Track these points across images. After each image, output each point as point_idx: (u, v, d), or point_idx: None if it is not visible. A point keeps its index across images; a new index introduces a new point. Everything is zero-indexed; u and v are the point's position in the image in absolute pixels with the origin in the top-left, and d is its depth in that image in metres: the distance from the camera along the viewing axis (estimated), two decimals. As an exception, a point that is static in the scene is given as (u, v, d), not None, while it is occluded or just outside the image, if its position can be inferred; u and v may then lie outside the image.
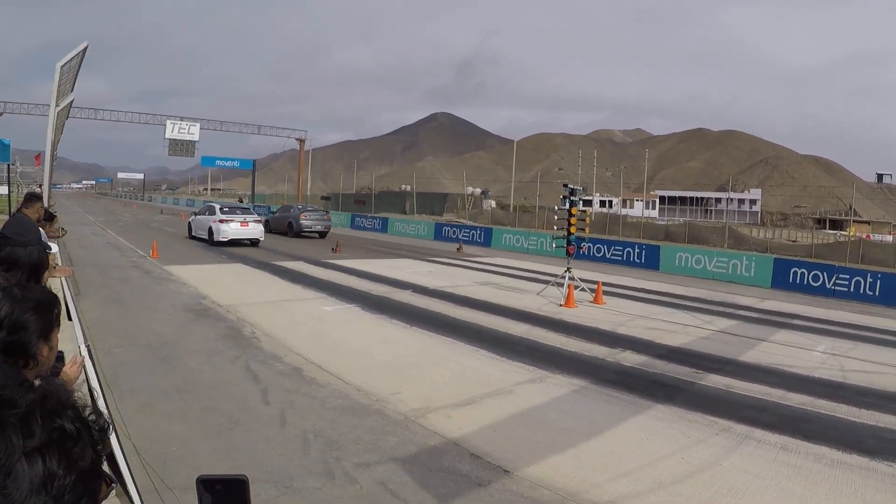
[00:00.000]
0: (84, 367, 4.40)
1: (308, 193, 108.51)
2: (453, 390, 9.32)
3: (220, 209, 32.59)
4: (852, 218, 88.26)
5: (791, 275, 25.91)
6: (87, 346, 5.27)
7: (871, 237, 71.32)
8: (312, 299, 16.86)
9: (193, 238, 34.24)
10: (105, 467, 1.20)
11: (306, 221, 40.29)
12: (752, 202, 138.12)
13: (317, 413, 8.00)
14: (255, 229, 32.06)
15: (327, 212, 46.35)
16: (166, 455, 6.25)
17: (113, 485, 1.26)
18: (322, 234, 40.65)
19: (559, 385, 9.93)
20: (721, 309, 18.96)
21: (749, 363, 12.05)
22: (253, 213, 34.38)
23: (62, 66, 15.04)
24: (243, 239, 31.80)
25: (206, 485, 1.56)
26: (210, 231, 31.88)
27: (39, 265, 3.67)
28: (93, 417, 1.17)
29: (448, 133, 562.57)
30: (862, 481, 6.76)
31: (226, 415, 7.71)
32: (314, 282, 19.89)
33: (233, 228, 31.24)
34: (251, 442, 6.95)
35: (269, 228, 39.87)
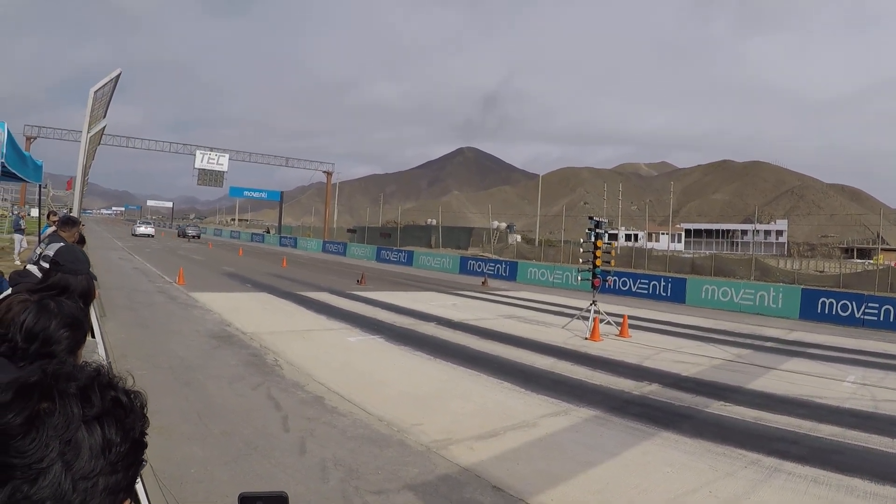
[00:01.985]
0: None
1: (334, 226, 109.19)
2: (476, 422, 9.20)
3: (138, 222, 75.35)
4: (880, 246, 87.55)
5: (819, 305, 25.66)
6: (109, 364, 5.22)
7: (900, 265, 70.50)
8: (336, 329, 16.82)
9: (134, 235, 71.33)
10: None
11: (140, 228, 76.88)
12: (779, 233, 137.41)
13: (337, 442, 7.91)
14: (150, 230, 75.61)
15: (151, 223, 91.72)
16: (184, 477, 6.20)
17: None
18: (151, 236, 74.51)
19: (584, 418, 9.78)
20: (749, 341, 18.75)
21: (778, 395, 11.85)
22: (151, 224, 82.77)
23: (95, 92, 15.24)
24: (145, 234, 72.86)
25: (248, 502, 1.58)
26: (133, 230, 74.48)
27: (89, 293, 3.76)
28: (139, 395, 1.22)
29: (473, 167, 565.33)
30: (896, 514, 6.55)
31: (245, 440, 7.64)
32: (338, 312, 19.89)
33: (140, 229, 73.17)
34: (270, 468, 6.87)
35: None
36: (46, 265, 3.78)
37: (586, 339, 17.30)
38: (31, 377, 1.11)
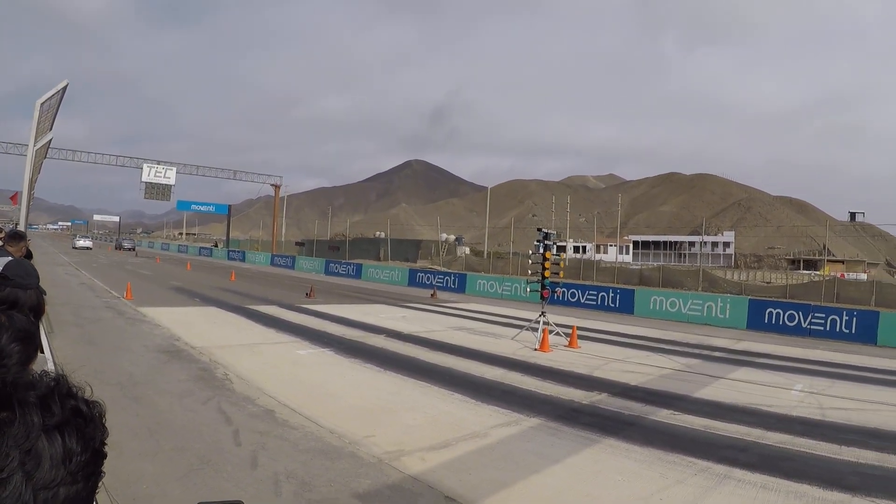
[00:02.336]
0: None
1: (283, 239, 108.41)
2: (427, 433, 9.23)
3: (78, 236, 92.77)
4: (826, 257, 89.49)
5: (766, 315, 26.14)
6: (65, 374, 5.18)
7: (846, 276, 72.22)
8: (286, 343, 16.73)
9: (74, 248, 79.51)
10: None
11: (80, 241, 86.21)
12: (726, 244, 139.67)
13: (289, 455, 7.88)
14: (88, 243, 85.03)
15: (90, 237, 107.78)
16: (136, 494, 6.13)
17: None
18: (89, 248, 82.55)
19: (534, 428, 9.87)
20: (697, 351, 19.06)
21: (727, 403, 12.05)
22: (89, 238, 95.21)
23: (42, 104, 15.00)
24: (84, 247, 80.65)
25: None
26: (73, 243, 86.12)
27: (39, 307, 3.70)
28: (99, 406, 1.23)
29: (422, 180, 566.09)
30: (842, 520, 6.69)
31: (197, 455, 7.58)
32: (288, 326, 19.79)
33: (79, 242, 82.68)
34: (222, 482, 6.82)
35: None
36: None
37: (536, 349, 17.43)
38: None
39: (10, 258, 4.45)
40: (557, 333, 19.14)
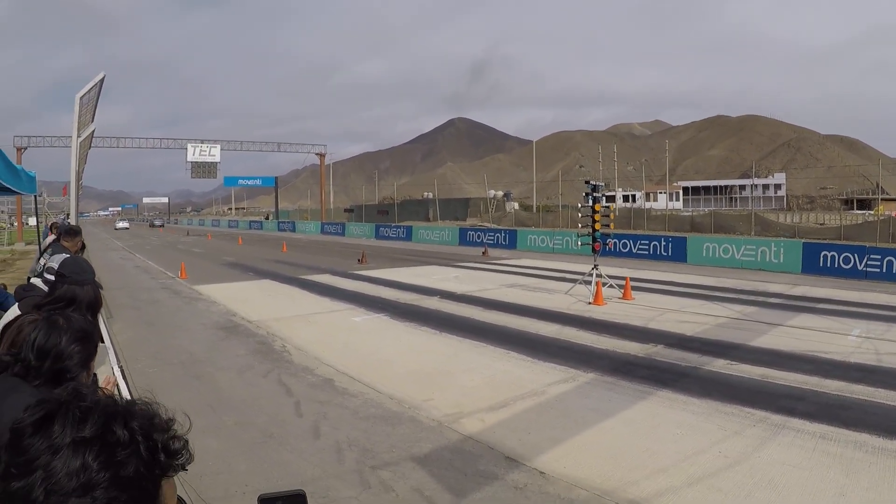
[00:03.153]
0: (118, 387, 4.47)
1: (331, 207, 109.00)
2: (485, 394, 9.29)
3: (117, 220, 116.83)
4: (880, 196, 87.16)
5: (821, 258, 25.58)
6: (121, 367, 5.33)
7: (901, 215, 70.24)
8: (341, 310, 16.90)
9: (116, 230, 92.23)
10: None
11: (119, 224, 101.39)
12: (777, 187, 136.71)
13: (350, 423, 8.01)
14: (126, 224, 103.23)
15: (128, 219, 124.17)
16: (202, 471, 6.27)
17: None
18: (127, 228, 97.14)
19: (591, 383, 9.88)
20: (752, 298, 18.78)
21: (783, 351, 11.88)
22: (125, 220, 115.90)
23: (81, 98, 15.14)
24: (123, 227, 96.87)
25: (268, 502, 1.60)
26: (115, 225, 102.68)
27: (96, 302, 3.82)
28: (172, 443, 1.22)
29: (466, 138, 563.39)
30: (905, 467, 6.57)
31: (259, 428, 7.74)
32: (342, 293, 19.97)
33: (120, 224, 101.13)
34: (285, 454, 6.97)
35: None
36: (51, 277, 3.82)
37: (590, 303, 17.38)
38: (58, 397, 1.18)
39: (65, 255, 4.54)
40: (611, 286, 19.02)
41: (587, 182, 19.05)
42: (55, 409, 1.14)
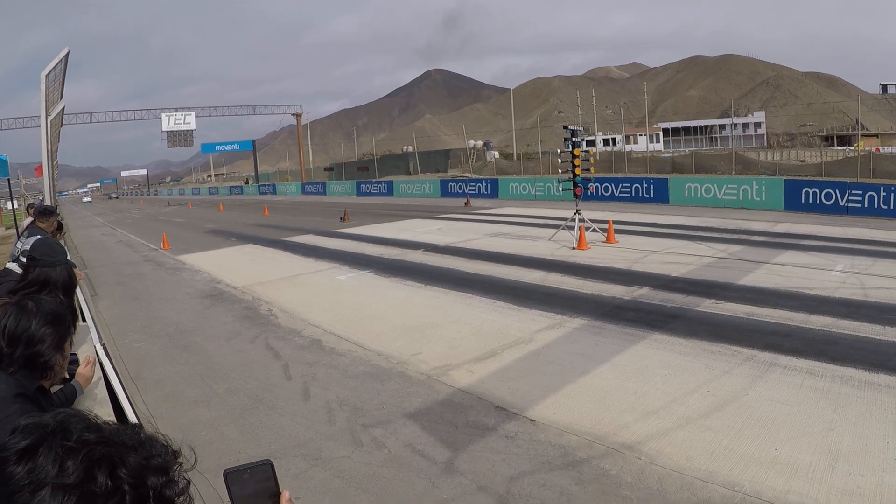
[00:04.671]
0: (102, 365, 4.42)
1: (311, 167, 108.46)
2: (473, 345, 9.32)
3: (83, 195, 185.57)
4: (860, 132, 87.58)
5: (803, 195, 25.72)
6: (103, 345, 5.28)
7: (881, 150, 70.58)
8: (325, 270, 16.86)
9: (82, 203, 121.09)
10: None
11: (85, 199, 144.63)
12: (757, 125, 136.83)
13: (339, 382, 8.02)
14: (88, 199, 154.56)
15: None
16: (195, 440, 6.26)
17: None
18: (90, 201, 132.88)
19: (578, 329, 9.91)
20: (735, 236, 18.87)
21: (768, 288, 11.95)
22: (88, 193, 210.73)
23: (46, 76, 14.90)
24: (86, 202, 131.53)
25: (234, 476, 1.56)
26: (82, 200, 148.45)
27: (70, 282, 3.81)
28: (167, 489, 1.18)
29: (443, 89, 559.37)
30: (892, 400, 6.62)
31: (249, 395, 7.74)
32: (325, 252, 19.92)
33: (85, 199, 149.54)
34: (277, 418, 6.97)
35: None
36: (25, 260, 3.80)
37: (574, 248, 17.41)
38: (45, 426, 1.14)
39: (37, 237, 4.49)
40: (594, 230, 19.05)
41: (566, 127, 19.00)
42: (41, 440, 1.10)
